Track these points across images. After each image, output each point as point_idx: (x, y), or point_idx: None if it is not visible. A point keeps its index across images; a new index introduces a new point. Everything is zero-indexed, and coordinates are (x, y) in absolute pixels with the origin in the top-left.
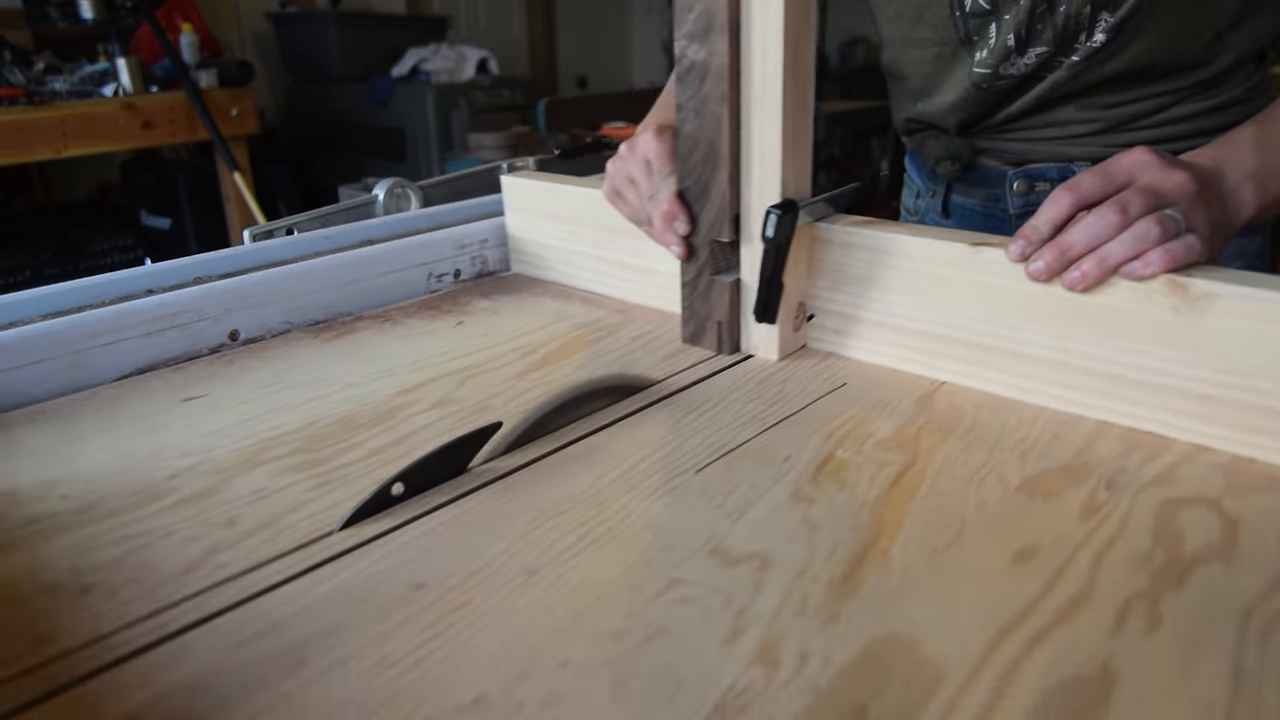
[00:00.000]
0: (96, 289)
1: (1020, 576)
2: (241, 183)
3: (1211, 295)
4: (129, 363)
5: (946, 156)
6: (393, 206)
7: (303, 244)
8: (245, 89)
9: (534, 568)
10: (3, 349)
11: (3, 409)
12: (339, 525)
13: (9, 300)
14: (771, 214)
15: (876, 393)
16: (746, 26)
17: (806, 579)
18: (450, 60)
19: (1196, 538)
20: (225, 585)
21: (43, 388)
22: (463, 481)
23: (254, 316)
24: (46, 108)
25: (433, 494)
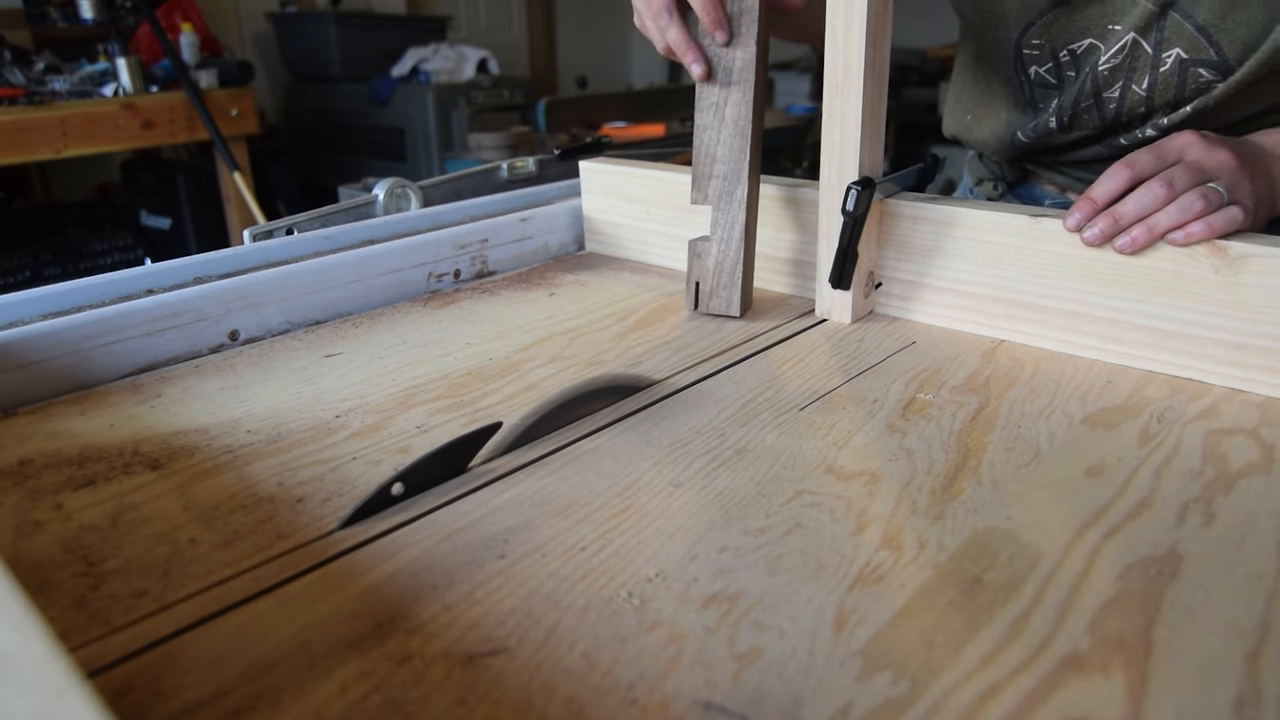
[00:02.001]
0: (96, 289)
1: (1093, 487)
2: (241, 183)
3: (1247, 256)
4: (129, 363)
5: (991, 178)
6: (393, 206)
7: (303, 244)
8: (245, 89)
9: (678, 481)
10: (3, 349)
11: (2, 409)
12: (339, 525)
13: (9, 300)
14: (852, 189)
15: (944, 349)
16: (832, 23)
17: (912, 489)
18: (450, 60)
19: (1239, 458)
20: (421, 495)
21: (43, 388)
22: (463, 481)
23: (254, 316)
24: (46, 108)
25: (581, 424)
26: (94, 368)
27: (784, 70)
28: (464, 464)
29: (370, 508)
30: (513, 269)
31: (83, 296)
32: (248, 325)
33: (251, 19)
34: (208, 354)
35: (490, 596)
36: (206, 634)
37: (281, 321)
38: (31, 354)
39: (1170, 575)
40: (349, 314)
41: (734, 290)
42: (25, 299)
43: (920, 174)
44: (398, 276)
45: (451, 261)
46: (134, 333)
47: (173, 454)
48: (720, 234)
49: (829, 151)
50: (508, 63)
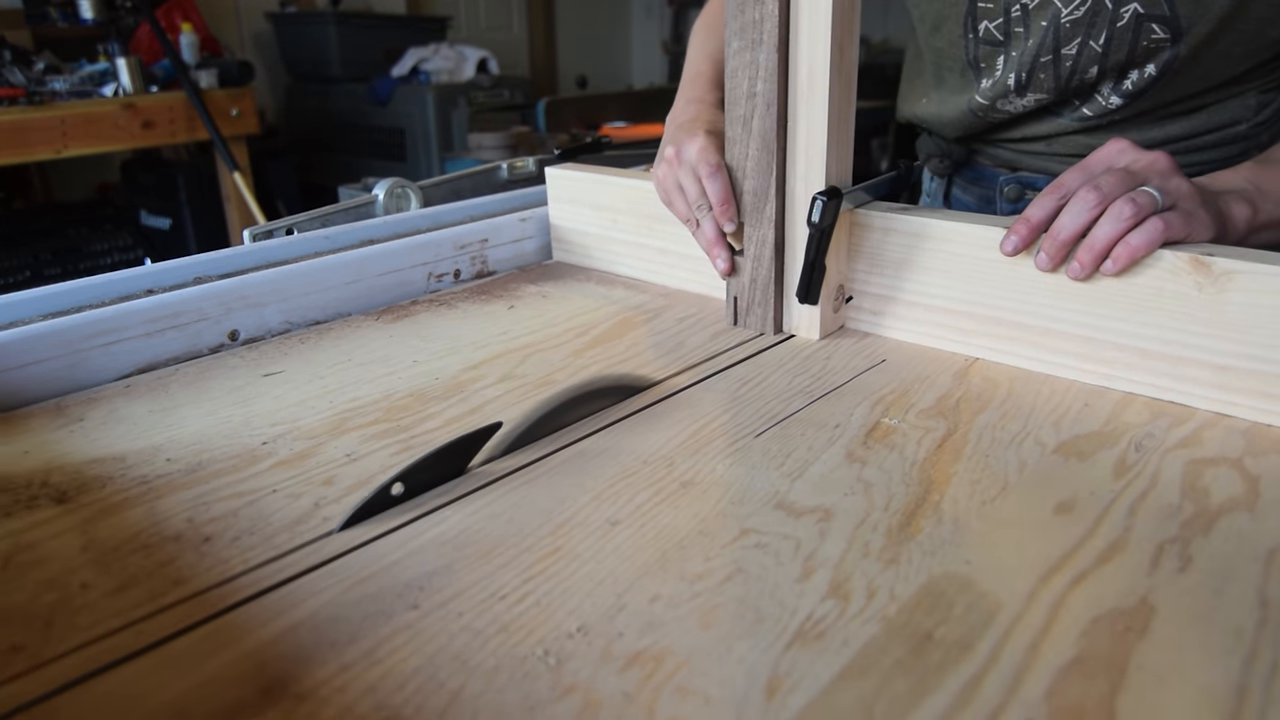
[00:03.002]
0: (96, 289)
1: (1062, 525)
2: (241, 183)
3: (1232, 273)
4: (129, 363)
5: (938, 154)
6: (393, 206)
7: (303, 244)
8: (245, 89)
9: (616, 519)
10: (3, 349)
11: (3, 409)
12: (338, 526)
13: (9, 300)
14: (818, 200)
15: (915, 368)
16: (795, 26)
17: (867, 528)
18: (450, 60)
19: (1221, 492)
20: (329, 538)
21: (43, 388)
22: (463, 482)
23: (254, 316)
24: (46, 108)
25: (487, 469)
26: (94, 368)
27: None
28: (463, 465)
29: (370, 508)
30: (512, 269)
31: (83, 296)
32: (248, 325)
33: (251, 19)
34: (208, 354)
35: (394, 654)
36: (76, 699)
37: (281, 321)
38: (31, 354)
39: (1140, 631)
40: (349, 314)
41: (768, 309)
42: (25, 299)
43: (894, 182)
44: (398, 276)
45: (451, 261)
46: (134, 333)
47: (83, 485)
48: (753, 251)
49: (794, 160)
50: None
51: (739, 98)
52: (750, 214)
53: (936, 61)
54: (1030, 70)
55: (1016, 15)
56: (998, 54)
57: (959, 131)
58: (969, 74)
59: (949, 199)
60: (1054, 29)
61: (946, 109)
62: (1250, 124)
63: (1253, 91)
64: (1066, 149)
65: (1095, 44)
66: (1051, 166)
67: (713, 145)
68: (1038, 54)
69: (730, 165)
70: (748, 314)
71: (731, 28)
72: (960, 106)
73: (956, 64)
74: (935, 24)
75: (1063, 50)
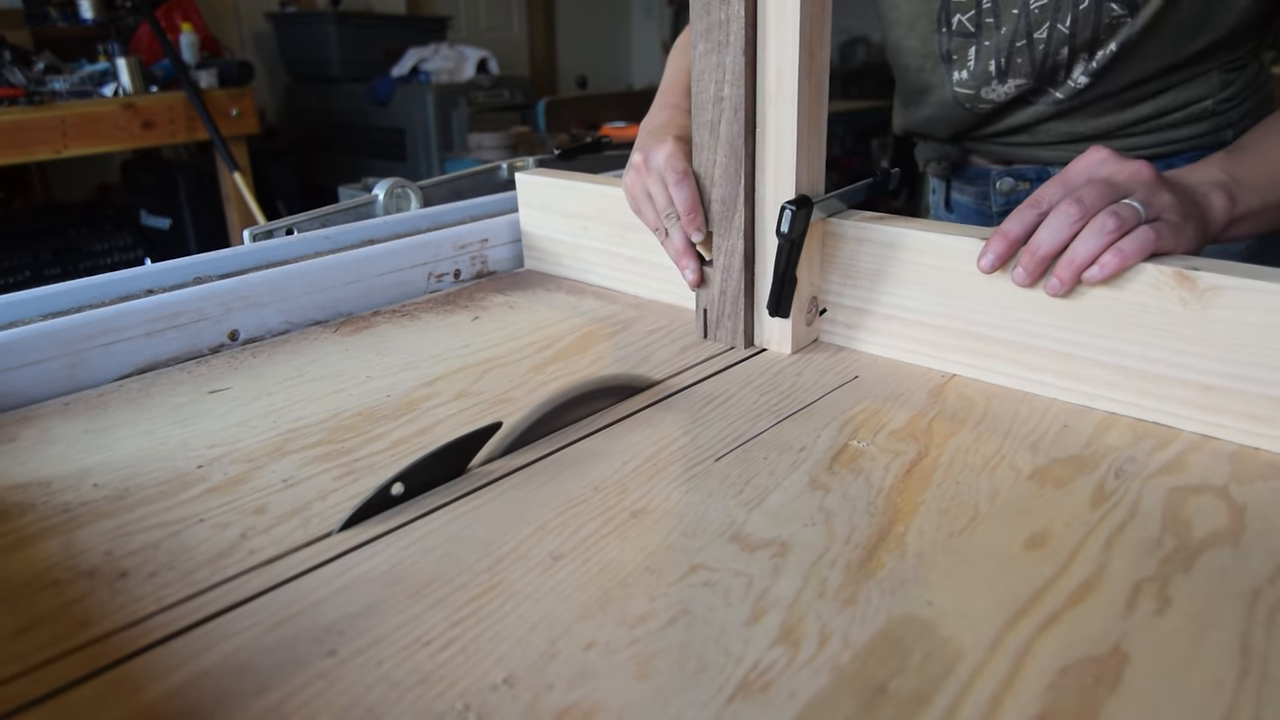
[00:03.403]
0: (96, 289)
1: (1033, 561)
2: (241, 183)
3: (1219, 288)
4: (129, 363)
5: (935, 157)
6: (393, 206)
7: (303, 244)
8: (245, 89)
9: (559, 553)
10: (3, 349)
11: (3, 409)
12: (338, 526)
13: (9, 300)
14: (786, 210)
15: (888, 385)
16: (763, 27)
17: (825, 563)
18: (450, 60)
19: (1204, 524)
20: (259, 570)
21: (43, 388)
22: (462, 482)
23: (254, 316)
24: (46, 108)
25: (436, 493)
26: (94, 368)
27: None
28: (463, 465)
29: (370, 508)
30: (511, 269)
31: (83, 296)
32: (248, 325)
33: (251, 19)
34: (208, 354)
35: (303, 709)
36: None
37: (281, 321)
38: (31, 354)
39: (1110, 684)
40: (349, 314)
41: (738, 322)
42: (25, 299)
43: (871, 189)
44: (398, 276)
45: (451, 261)
46: (134, 333)
47: (3, 514)
48: (722, 261)
49: (763, 167)
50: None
51: (705, 102)
52: (719, 223)
53: (909, 64)
54: (1008, 56)
55: (987, 7)
56: (969, 45)
57: (951, 129)
58: (940, 68)
59: (949, 203)
60: (1024, 15)
61: (933, 109)
62: (1215, 100)
63: (1216, 71)
64: (1049, 137)
65: (1062, 26)
66: (1039, 155)
67: (680, 152)
68: (1013, 40)
69: (698, 172)
70: (718, 327)
71: (697, 29)
72: (942, 101)
73: (930, 60)
74: (910, 23)
75: (1034, 35)
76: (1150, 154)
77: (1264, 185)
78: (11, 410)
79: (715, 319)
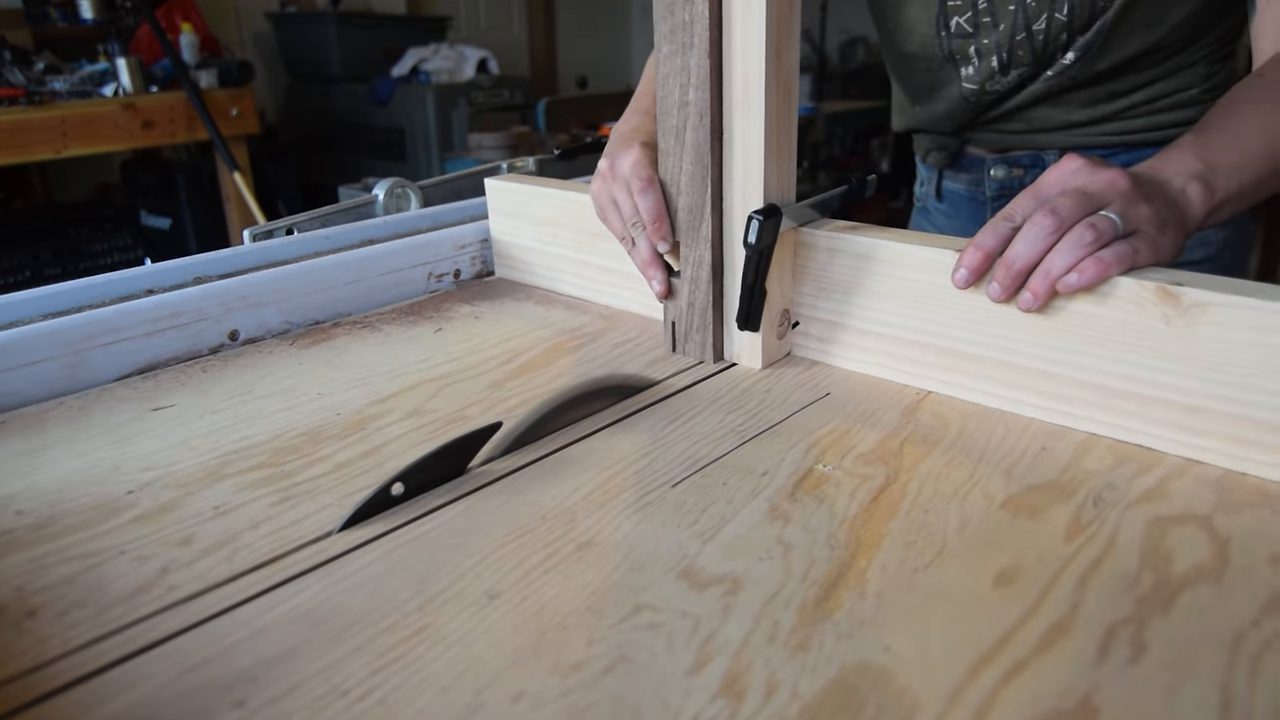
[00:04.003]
0: (96, 289)
1: (1001, 601)
2: (241, 183)
3: (1203, 304)
4: (129, 363)
5: (935, 148)
6: (393, 206)
7: (303, 244)
8: (245, 89)
9: (496, 590)
10: (3, 349)
11: (3, 409)
12: (338, 527)
13: (9, 300)
14: (753, 219)
15: (860, 403)
16: (728, 29)
17: (779, 603)
18: (450, 60)
19: (1185, 558)
20: (175, 609)
21: (43, 388)
22: (461, 483)
23: (254, 316)
24: (46, 108)
25: (409, 506)
26: (94, 368)
27: None
28: (463, 465)
29: (370, 508)
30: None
31: (83, 296)
32: (248, 325)
33: (251, 19)
34: (207, 354)
35: None
36: None
37: (281, 321)
38: (31, 354)
39: None
40: (349, 314)
41: (707, 335)
42: (25, 299)
43: (846, 196)
44: (398, 276)
45: (451, 261)
46: (134, 333)
47: None
48: (690, 273)
49: (731, 175)
50: (508, 63)
51: (670, 107)
52: (686, 233)
53: (911, 68)
54: (1010, 50)
55: (984, 7)
56: (969, 44)
57: (955, 123)
58: (947, 68)
59: (941, 192)
60: (1022, 10)
61: (938, 107)
62: (1201, 89)
63: (1202, 62)
64: (1045, 125)
65: (1060, 15)
66: (1036, 140)
67: (646, 158)
68: (1013, 34)
69: (664, 180)
70: (686, 340)
71: (660, 30)
72: (952, 98)
73: (933, 63)
74: (908, 30)
75: (1034, 27)
76: (1140, 139)
77: (1238, 166)
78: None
79: (683, 332)
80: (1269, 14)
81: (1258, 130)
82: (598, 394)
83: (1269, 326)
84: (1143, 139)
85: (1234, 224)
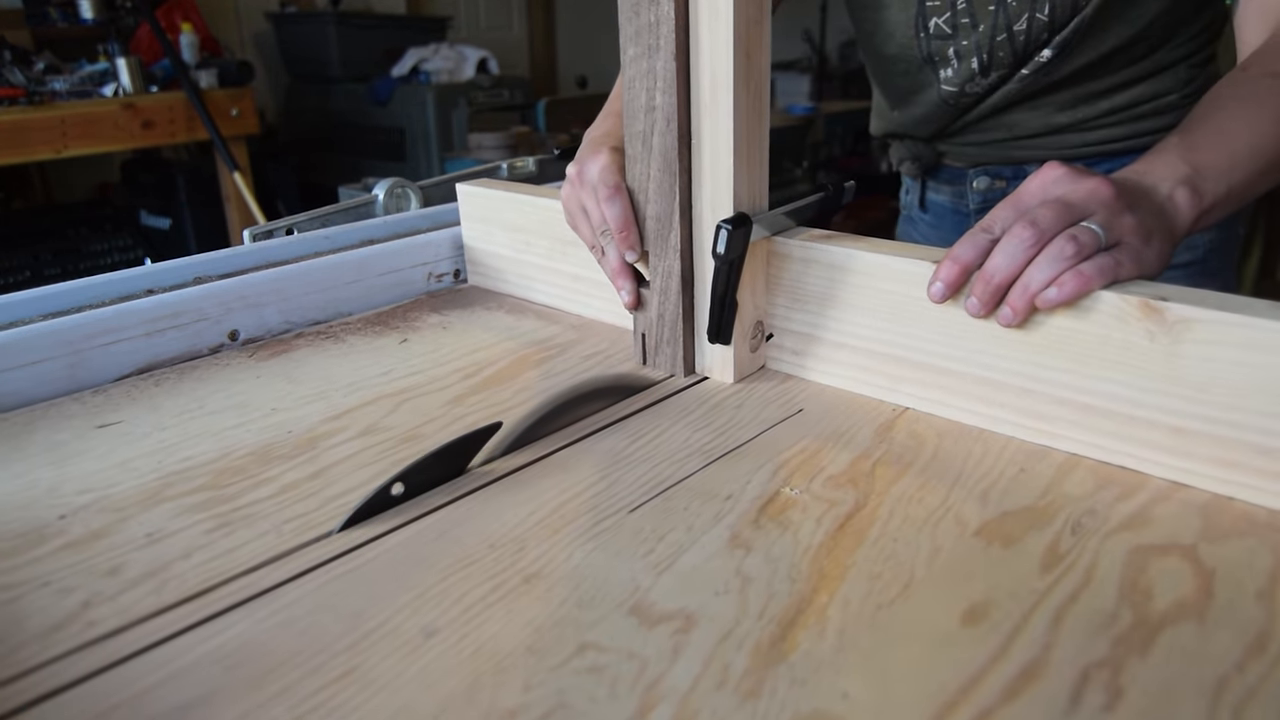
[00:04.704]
0: (96, 289)
1: (969, 640)
2: (241, 183)
3: (1189, 320)
4: (129, 363)
5: (909, 158)
6: (393, 206)
7: (303, 244)
8: (245, 89)
9: (434, 628)
10: (3, 349)
11: (3, 409)
12: (338, 527)
13: (9, 300)
14: (722, 229)
15: (834, 420)
16: (695, 30)
17: (731, 643)
18: (450, 60)
19: (1167, 593)
20: (92, 647)
21: (43, 388)
22: (460, 483)
23: (254, 316)
24: (46, 108)
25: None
26: (94, 368)
27: (784, 70)
28: (463, 465)
29: (370, 508)
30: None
31: (83, 296)
32: (248, 325)
33: (251, 19)
34: (207, 354)
35: None
36: None
37: (281, 321)
38: (31, 354)
39: None
40: (349, 314)
41: (677, 348)
42: (25, 299)
43: (822, 205)
44: (398, 276)
45: (451, 261)
46: (134, 333)
47: None
48: (659, 283)
49: (700, 182)
50: (508, 63)
51: (637, 111)
52: (654, 242)
53: (890, 70)
54: (990, 52)
55: (963, 8)
56: (948, 45)
57: (934, 127)
58: (925, 70)
59: (924, 202)
60: (1002, 10)
61: (916, 110)
62: (1180, 94)
63: (1182, 64)
64: (1025, 131)
65: (1041, 15)
66: (1014, 154)
67: (615, 164)
68: (993, 35)
69: (631, 187)
70: (656, 353)
71: (626, 32)
72: (931, 101)
73: (912, 65)
74: (886, 33)
75: (1014, 28)
76: (1122, 146)
77: (1226, 167)
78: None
79: (654, 344)
80: (1252, 4)
81: (1245, 128)
82: (598, 394)
83: (1257, 344)
84: (1124, 147)
85: (1220, 226)
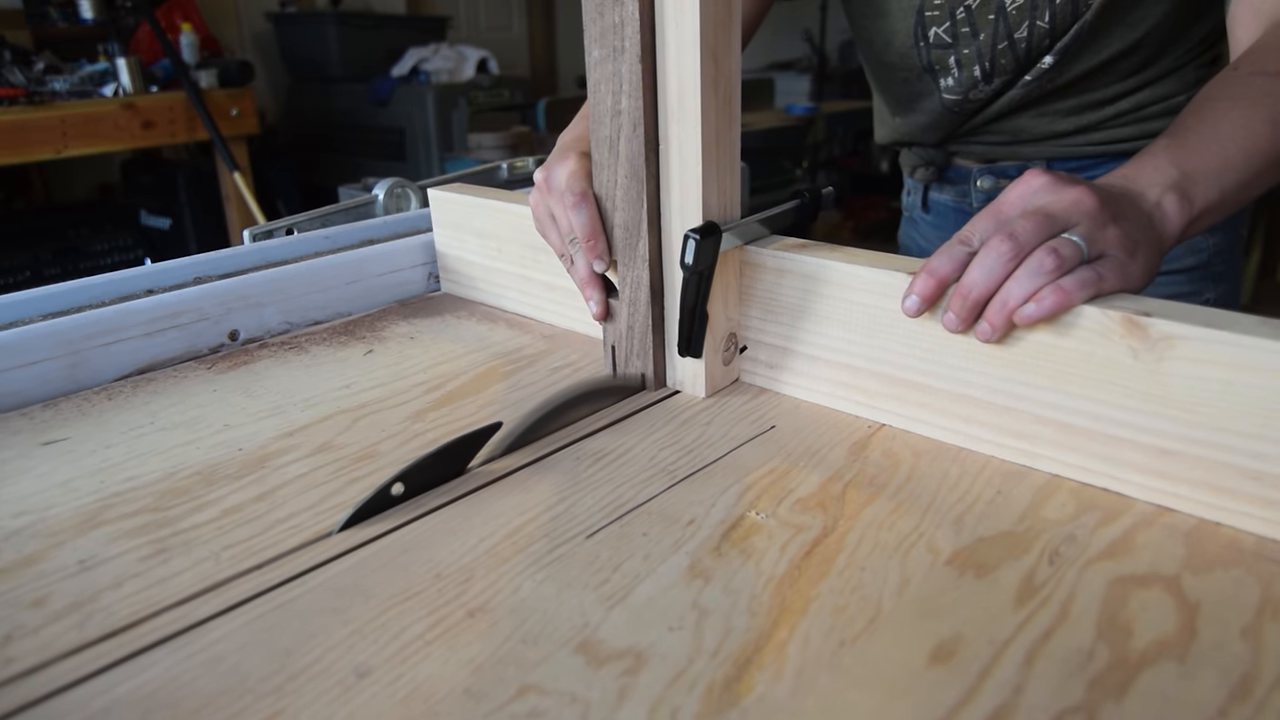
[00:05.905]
0: (96, 289)
1: (935, 682)
2: (241, 183)
3: (1173, 338)
4: (129, 363)
5: (921, 164)
6: (393, 206)
7: (303, 244)
8: (245, 89)
9: (367, 667)
10: (3, 349)
11: (3, 409)
12: (338, 527)
13: (9, 300)
14: (690, 239)
15: (807, 438)
16: (661, 32)
17: (682, 685)
18: (450, 60)
19: (1147, 629)
20: (7, 687)
21: (43, 388)
22: (460, 483)
23: (254, 316)
24: (46, 108)
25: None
26: (94, 368)
27: (784, 70)
28: (463, 465)
29: (370, 508)
30: None
31: (83, 296)
32: (248, 325)
33: (251, 19)
34: (207, 354)
35: None
36: None
37: (281, 321)
38: (31, 354)
39: None
40: (348, 314)
41: (647, 360)
42: (25, 299)
43: (798, 212)
44: (398, 276)
45: None
46: (134, 333)
47: None
48: (628, 294)
49: (668, 190)
50: (508, 63)
51: (603, 115)
52: (622, 251)
53: (890, 78)
54: (991, 60)
55: (962, 17)
56: (949, 54)
57: (939, 134)
58: (926, 78)
59: (927, 203)
60: (1002, 19)
61: (920, 117)
62: (1189, 95)
63: (1189, 68)
64: (1030, 136)
65: (1042, 22)
66: (1022, 151)
67: (582, 170)
68: (994, 43)
69: (599, 194)
70: (626, 366)
71: (590, 34)
72: (933, 109)
73: (912, 74)
74: (886, 41)
75: (1015, 35)
76: (1128, 147)
77: (1218, 171)
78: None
79: (624, 357)
80: (1243, 2)
81: (1237, 129)
82: (598, 394)
83: (1244, 364)
84: (1132, 147)
85: (1224, 228)
